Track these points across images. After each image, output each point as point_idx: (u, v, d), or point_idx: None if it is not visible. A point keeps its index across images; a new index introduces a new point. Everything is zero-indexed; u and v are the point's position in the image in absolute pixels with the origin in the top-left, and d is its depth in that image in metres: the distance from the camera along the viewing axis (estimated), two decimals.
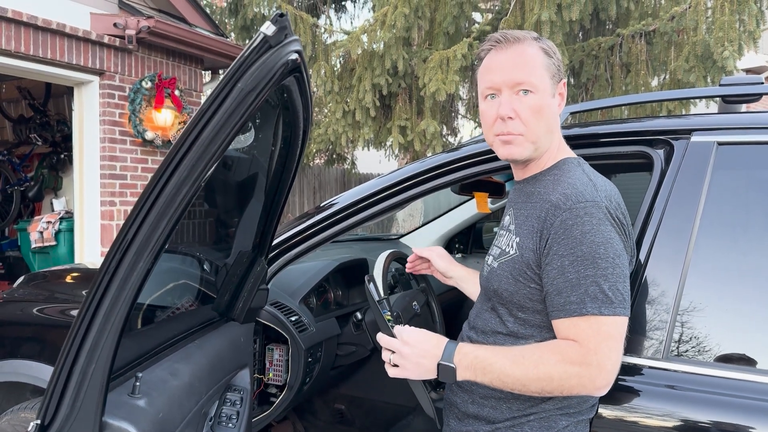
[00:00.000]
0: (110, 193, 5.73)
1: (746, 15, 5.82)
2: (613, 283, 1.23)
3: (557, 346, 1.26)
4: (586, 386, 1.23)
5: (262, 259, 1.88)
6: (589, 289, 1.23)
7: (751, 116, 1.56)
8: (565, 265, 1.25)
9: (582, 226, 1.25)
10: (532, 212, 1.36)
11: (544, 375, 1.24)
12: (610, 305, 1.22)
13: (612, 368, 1.23)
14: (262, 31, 1.21)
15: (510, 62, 1.35)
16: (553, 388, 1.24)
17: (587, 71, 6.78)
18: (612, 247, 1.25)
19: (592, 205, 1.26)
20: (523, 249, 1.34)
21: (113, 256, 1.22)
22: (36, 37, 5.09)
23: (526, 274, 1.33)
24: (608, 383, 1.24)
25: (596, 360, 1.21)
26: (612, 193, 1.34)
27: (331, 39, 7.55)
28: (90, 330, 1.24)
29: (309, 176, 10.35)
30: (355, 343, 2.37)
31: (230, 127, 1.22)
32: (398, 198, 1.90)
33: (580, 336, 1.23)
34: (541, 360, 1.25)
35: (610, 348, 1.22)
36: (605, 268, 1.23)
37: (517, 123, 1.34)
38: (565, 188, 1.31)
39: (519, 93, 1.34)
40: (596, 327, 1.22)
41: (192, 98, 6.46)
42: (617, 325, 1.23)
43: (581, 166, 1.40)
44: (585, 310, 1.22)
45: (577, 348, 1.23)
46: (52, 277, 2.57)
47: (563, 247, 1.25)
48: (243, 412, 1.70)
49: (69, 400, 1.26)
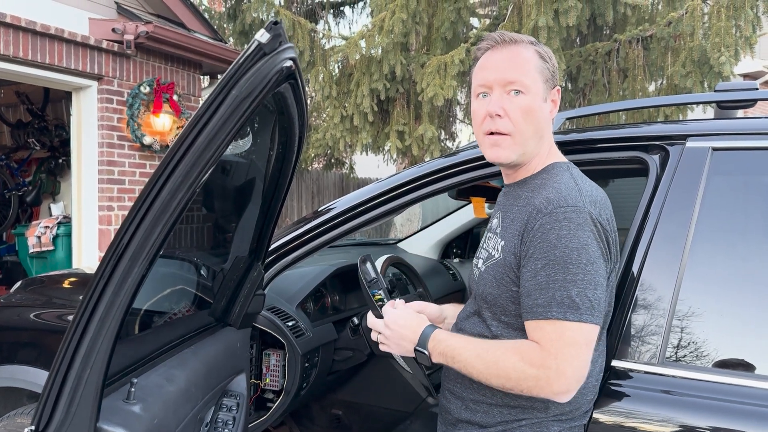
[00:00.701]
0: (108, 198, 5.73)
1: (743, 21, 5.84)
2: (582, 290, 1.23)
3: (520, 346, 1.27)
4: (543, 389, 1.23)
5: (259, 264, 1.88)
6: (557, 293, 1.23)
7: (747, 122, 1.57)
8: (537, 268, 1.26)
9: (559, 231, 1.25)
10: (518, 215, 1.37)
11: (503, 372, 1.26)
12: (576, 311, 1.22)
13: (573, 374, 1.22)
14: (256, 39, 1.22)
15: (504, 62, 1.36)
16: (512, 386, 1.26)
17: (584, 76, 6.80)
18: (586, 253, 1.24)
19: (573, 210, 1.26)
20: (506, 252, 1.35)
21: (108, 261, 1.22)
22: (34, 42, 5.09)
23: (508, 277, 1.33)
24: (568, 389, 1.23)
25: (555, 364, 1.21)
26: (598, 198, 1.33)
27: (330, 44, 7.57)
28: (85, 335, 1.24)
29: (307, 181, 10.35)
30: (352, 348, 2.37)
31: (225, 133, 1.22)
32: (396, 203, 1.90)
33: (543, 339, 1.24)
34: (502, 357, 1.27)
35: (572, 354, 1.22)
36: (575, 274, 1.23)
37: (506, 122, 1.35)
38: (549, 192, 1.31)
39: (510, 93, 1.35)
40: (560, 332, 1.22)
41: (190, 103, 6.46)
42: (582, 332, 1.23)
43: (570, 170, 1.40)
44: (550, 314, 1.23)
45: (537, 350, 1.23)
46: (49, 282, 2.57)
47: (538, 250, 1.26)
48: (239, 418, 1.69)
49: (64, 406, 1.26)
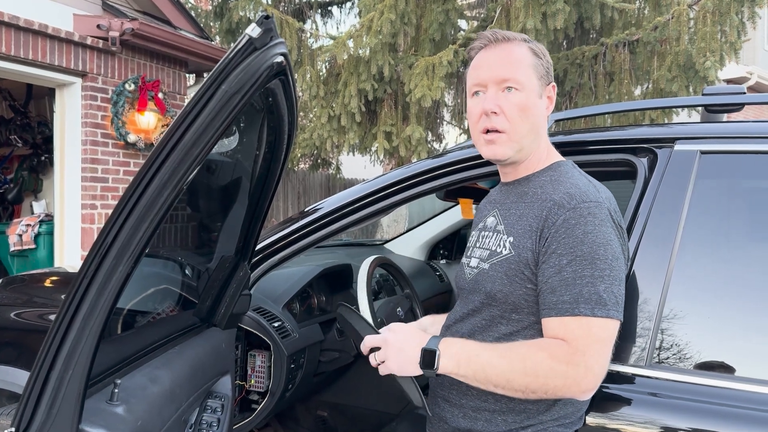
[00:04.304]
0: (91, 196, 5.66)
1: (728, 26, 5.90)
2: (608, 285, 1.22)
3: (546, 343, 1.24)
4: (570, 388, 1.20)
5: (245, 264, 1.86)
6: (584, 289, 1.21)
7: (735, 125, 1.58)
8: (563, 264, 1.24)
9: (585, 226, 1.24)
10: (528, 212, 1.35)
11: (530, 370, 1.20)
12: (603, 307, 1.20)
13: (599, 371, 1.21)
14: (247, 33, 1.20)
15: (498, 60, 1.37)
16: (538, 385, 1.21)
17: (571, 79, 6.83)
18: (611, 249, 1.24)
19: (596, 206, 1.26)
20: (519, 248, 1.32)
21: (92, 259, 1.20)
22: (17, 38, 5.02)
23: (523, 274, 1.30)
24: (594, 386, 1.22)
25: (584, 361, 1.19)
26: (610, 196, 1.35)
27: (317, 44, 7.55)
28: (67, 335, 1.21)
29: (293, 181, 10.32)
30: (338, 349, 2.36)
31: (213, 130, 1.20)
32: (383, 203, 1.89)
33: (570, 336, 1.21)
34: (528, 354, 1.22)
35: (599, 351, 1.21)
36: (603, 269, 1.22)
37: (502, 119, 1.35)
38: (569, 188, 1.31)
39: (505, 90, 1.35)
40: (587, 328, 1.20)
41: (176, 101, 6.41)
42: (608, 329, 1.22)
43: (576, 168, 1.41)
44: (577, 310, 1.21)
45: (565, 347, 1.20)
46: (30, 281, 2.53)
47: (563, 245, 1.24)
48: (224, 420, 1.68)
49: (45, 407, 1.24)
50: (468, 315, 1.43)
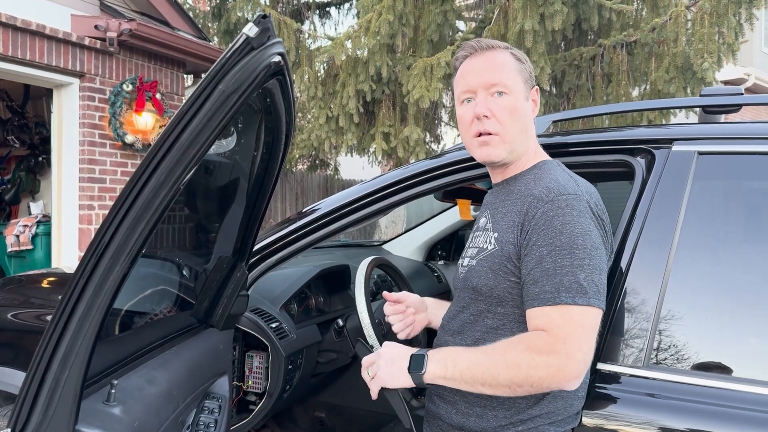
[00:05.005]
0: (89, 197, 5.65)
1: (725, 28, 5.92)
2: (588, 274, 1.24)
3: (526, 335, 1.27)
4: (555, 377, 1.21)
5: (243, 265, 1.85)
6: (564, 278, 1.23)
7: (732, 126, 1.58)
8: (543, 254, 1.27)
9: (563, 217, 1.27)
10: (512, 208, 1.39)
11: (512, 362, 1.23)
12: (584, 295, 1.23)
13: (582, 359, 1.22)
14: (244, 33, 1.20)
15: (484, 66, 1.43)
16: (522, 378, 1.22)
17: (569, 81, 6.83)
18: (590, 239, 1.27)
19: (574, 198, 1.30)
20: (502, 243, 1.36)
21: (89, 260, 1.19)
22: (15, 38, 5.02)
23: (506, 268, 1.34)
24: (578, 374, 1.22)
25: (565, 349, 1.20)
26: (592, 191, 1.38)
27: (315, 45, 7.54)
28: (64, 336, 1.21)
29: (291, 182, 10.31)
30: (336, 350, 2.35)
31: (210, 129, 1.20)
32: (381, 204, 1.90)
33: (549, 325, 1.23)
34: (509, 347, 1.25)
35: (580, 338, 1.22)
36: (582, 258, 1.25)
37: (493, 122, 1.40)
38: (548, 182, 1.35)
39: (494, 94, 1.41)
40: (568, 317, 1.22)
41: (173, 102, 6.41)
42: (590, 316, 1.24)
43: (560, 166, 1.45)
44: (558, 299, 1.23)
45: (544, 337, 1.23)
46: (27, 281, 2.52)
47: (542, 237, 1.28)
48: (221, 420, 1.67)
49: (41, 408, 1.23)
50: (459, 312, 1.47)
